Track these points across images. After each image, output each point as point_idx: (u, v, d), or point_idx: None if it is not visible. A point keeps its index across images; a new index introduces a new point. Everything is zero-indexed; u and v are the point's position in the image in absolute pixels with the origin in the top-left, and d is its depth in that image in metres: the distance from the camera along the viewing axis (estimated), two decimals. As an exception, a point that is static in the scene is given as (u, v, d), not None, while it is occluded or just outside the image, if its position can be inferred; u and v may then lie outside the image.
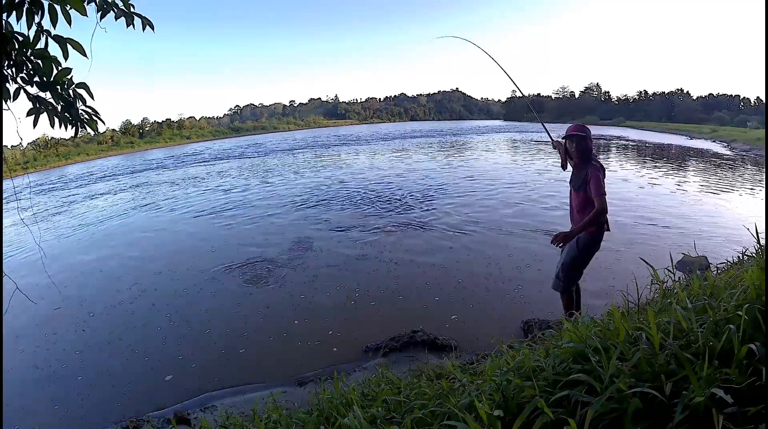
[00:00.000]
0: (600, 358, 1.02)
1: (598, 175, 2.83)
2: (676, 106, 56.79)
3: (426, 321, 3.97)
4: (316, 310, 4.41)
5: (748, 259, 1.97)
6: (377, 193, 10.63)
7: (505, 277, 4.88)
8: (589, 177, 2.85)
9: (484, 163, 16.08)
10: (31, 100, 1.50)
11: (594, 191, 2.82)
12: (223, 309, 4.60)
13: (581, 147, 2.96)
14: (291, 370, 3.42)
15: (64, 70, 1.51)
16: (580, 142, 2.96)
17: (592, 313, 1.78)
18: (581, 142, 2.96)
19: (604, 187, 2.82)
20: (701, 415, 0.80)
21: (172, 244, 7.45)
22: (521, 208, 8.34)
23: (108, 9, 1.62)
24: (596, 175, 2.84)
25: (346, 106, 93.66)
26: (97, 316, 4.70)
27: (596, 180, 2.82)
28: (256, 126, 73.64)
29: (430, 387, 1.62)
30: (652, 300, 1.66)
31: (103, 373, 3.61)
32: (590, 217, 2.81)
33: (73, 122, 1.62)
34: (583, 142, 2.95)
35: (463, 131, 42.34)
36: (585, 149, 2.96)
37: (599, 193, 2.80)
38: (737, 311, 1.02)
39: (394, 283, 4.93)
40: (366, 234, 7.01)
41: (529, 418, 0.94)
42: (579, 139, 2.96)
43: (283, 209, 9.46)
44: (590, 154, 2.97)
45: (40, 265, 6.11)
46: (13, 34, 1.43)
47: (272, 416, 1.92)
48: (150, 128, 58.54)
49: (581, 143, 2.96)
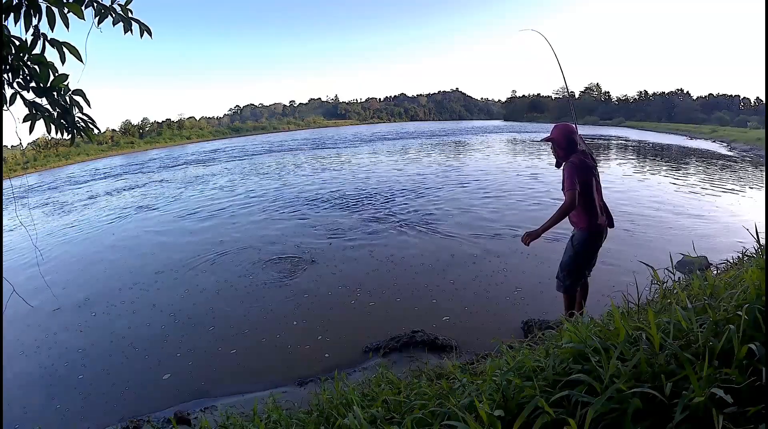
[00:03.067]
0: (600, 358, 1.02)
1: (570, 171, 2.86)
2: (676, 106, 56.79)
3: (426, 321, 3.96)
4: (317, 310, 4.41)
5: (748, 259, 1.97)
6: (377, 194, 10.63)
7: (506, 277, 4.88)
8: (563, 173, 2.91)
9: (486, 164, 16.09)
10: (27, 106, 1.49)
11: (564, 186, 2.85)
12: (224, 308, 4.60)
13: (555, 147, 3.07)
14: (291, 370, 3.42)
15: (60, 76, 1.50)
16: (552, 143, 3.08)
17: (592, 313, 1.78)
18: (553, 143, 3.07)
19: (577, 183, 2.80)
20: (701, 415, 0.80)
21: (173, 244, 7.44)
22: (525, 208, 8.35)
23: (106, 14, 1.61)
24: (568, 170, 2.87)
25: (346, 106, 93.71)
26: (98, 316, 4.70)
27: (568, 175, 2.86)
28: (256, 126, 73.62)
29: (430, 387, 1.62)
30: (652, 300, 1.66)
31: (103, 372, 3.61)
32: (555, 213, 2.83)
33: (69, 129, 1.62)
34: (554, 143, 3.06)
35: (463, 131, 42.34)
36: (560, 148, 3.03)
37: (567, 187, 2.82)
38: (737, 311, 1.02)
39: (394, 284, 4.93)
40: (366, 234, 7.01)
41: (530, 418, 0.94)
42: (551, 141, 3.07)
43: (283, 210, 9.46)
44: (568, 152, 2.99)
45: (38, 266, 6.10)
46: (9, 38, 1.42)
47: (272, 416, 1.92)
48: (150, 128, 58.49)
49: (553, 144, 3.07)
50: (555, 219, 2.82)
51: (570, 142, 3.01)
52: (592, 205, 2.92)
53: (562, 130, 3.05)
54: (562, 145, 3.02)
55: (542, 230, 2.85)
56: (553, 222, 2.83)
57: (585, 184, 2.87)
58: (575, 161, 2.91)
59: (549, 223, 2.83)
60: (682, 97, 59.66)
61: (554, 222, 2.83)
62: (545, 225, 2.84)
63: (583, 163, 2.92)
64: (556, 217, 2.82)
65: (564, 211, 2.81)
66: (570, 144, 3.01)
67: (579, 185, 2.82)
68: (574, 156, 2.96)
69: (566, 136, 3.02)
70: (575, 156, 2.96)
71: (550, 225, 2.83)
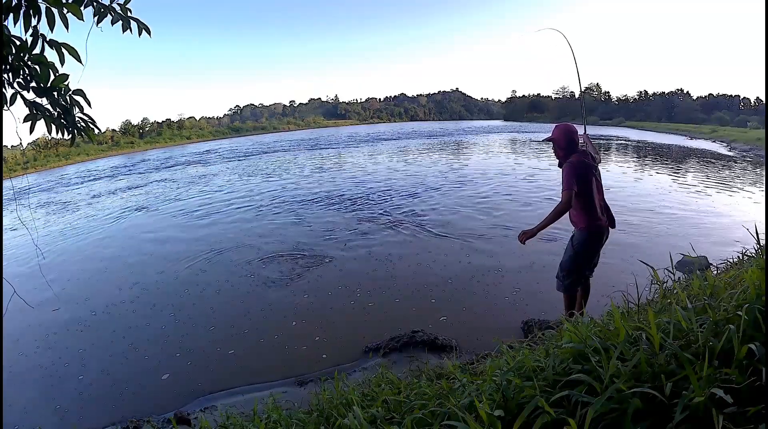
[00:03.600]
0: (600, 358, 1.02)
1: (568, 170, 2.88)
2: (676, 106, 56.76)
3: (425, 321, 3.97)
4: (316, 310, 4.41)
5: (748, 259, 1.97)
6: (375, 194, 10.63)
7: (506, 278, 4.88)
8: (562, 173, 2.93)
9: (486, 164, 16.09)
10: (27, 106, 1.49)
11: (563, 185, 2.87)
12: (224, 308, 4.60)
13: (555, 147, 3.09)
14: (291, 370, 3.42)
15: (60, 76, 1.50)
16: (553, 143, 3.09)
17: (592, 313, 1.78)
18: (554, 143, 3.09)
19: (574, 183, 2.82)
20: (701, 415, 0.80)
21: (173, 244, 7.44)
22: (525, 208, 8.35)
23: (105, 13, 1.61)
24: (566, 170, 2.90)
25: (346, 106, 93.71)
26: (98, 316, 4.70)
27: (566, 175, 2.88)
28: (256, 126, 73.62)
29: (430, 387, 1.62)
30: (652, 300, 1.66)
31: (103, 372, 3.61)
32: (551, 213, 2.82)
33: (69, 129, 1.62)
34: (555, 143, 3.07)
35: (463, 132, 42.34)
36: (560, 148, 3.05)
37: (564, 187, 2.85)
38: (737, 311, 1.02)
39: (394, 284, 4.93)
40: (365, 235, 7.02)
41: (530, 418, 0.94)
42: (552, 141, 3.09)
43: (283, 210, 9.47)
44: (568, 152, 3.01)
45: (39, 266, 6.10)
46: (10, 39, 1.42)
47: (272, 416, 1.92)
48: (150, 128, 58.49)
49: (554, 144, 3.09)
50: (550, 218, 2.83)
51: (570, 142, 3.02)
52: (591, 205, 2.93)
53: (563, 130, 3.06)
54: (562, 145, 3.04)
55: (537, 229, 2.86)
56: (549, 221, 2.84)
57: (584, 184, 2.87)
58: (574, 161, 2.93)
59: (544, 223, 2.84)
60: (682, 97, 59.64)
61: (549, 221, 2.84)
62: (541, 224, 2.85)
63: (582, 163, 2.93)
64: (551, 217, 2.83)
65: (559, 210, 2.82)
66: (570, 144, 3.02)
67: (577, 185, 2.83)
68: (575, 156, 2.97)
69: (566, 135, 3.03)
70: (575, 156, 2.97)
71: (545, 224, 2.84)
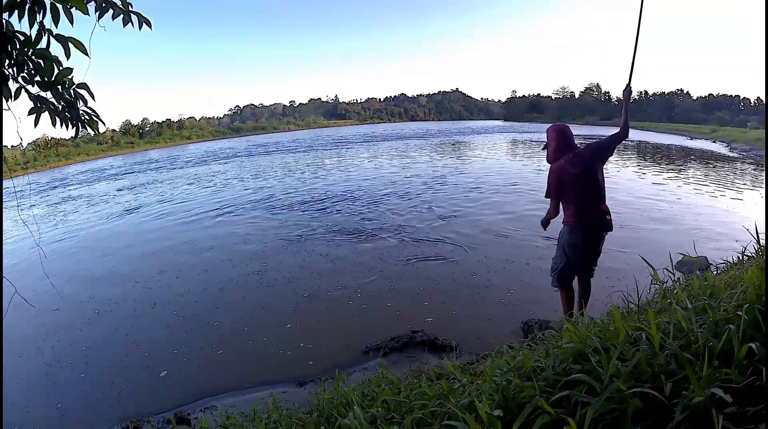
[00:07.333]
0: (600, 358, 1.02)
1: (549, 178, 3.02)
2: (676, 106, 56.77)
3: (425, 321, 3.97)
4: (317, 310, 4.41)
5: (748, 259, 1.97)
6: (374, 194, 10.63)
7: (505, 278, 4.88)
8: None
9: (485, 164, 16.09)
10: (32, 100, 1.50)
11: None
12: (225, 308, 4.60)
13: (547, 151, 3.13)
14: (291, 370, 3.42)
15: (65, 70, 1.51)
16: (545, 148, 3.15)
17: (592, 313, 1.78)
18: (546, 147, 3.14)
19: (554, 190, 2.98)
20: (701, 415, 0.80)
21: (175, 243, 7.44)
22: (523, 208, 8.34)
23: (107, 7, 1.61)
24: (548, 177, 3.04)
25: (346, 107, 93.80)
26: (100, 315, 4.70)
27: (547, 183, 3.04)
28: (256, 126, 73.66)
29: (430, 387, 1.62)
30: (652, 300, 1.66)
31: (105, 372, 3.61)
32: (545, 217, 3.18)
33: (74, 122, 1.63)
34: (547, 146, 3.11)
35: (463, 132, 42.33)
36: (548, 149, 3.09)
37: (547, 195, 3.06)
38: (737, 311, 1.02)
39: (394, 284, 4.93)
40: (364, 235, 7.01)
41: (529, 418, 0.94)
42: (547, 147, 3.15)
43: (283, 210, 9.47)
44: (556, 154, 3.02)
45: (40, 266, 6.10)
46: (14, 33, 1.43)
47: (272, 416, 1.92)
48: (150, 128, 58.52)
49: (546, 148, 3.13)
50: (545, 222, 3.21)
51: (559, 144, 3.01)
52: (571, 205, 2.99)
53: (550, 132, 3.10)
54: (549, 146, 3.08)
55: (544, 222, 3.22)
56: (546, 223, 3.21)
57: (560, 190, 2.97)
58: (554, 168, 3.00)
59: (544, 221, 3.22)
60: (682, 97, 59.67)
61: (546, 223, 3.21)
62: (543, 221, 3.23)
63: (561, 169, 2.95)
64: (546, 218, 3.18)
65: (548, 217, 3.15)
66: (560, 146, 3.01)
67: (554, 192, 2.99)
68: (560, 160, 2.98)
69: (554, 137, 3.04)
70: (559, 161, 2.99)
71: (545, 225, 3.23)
